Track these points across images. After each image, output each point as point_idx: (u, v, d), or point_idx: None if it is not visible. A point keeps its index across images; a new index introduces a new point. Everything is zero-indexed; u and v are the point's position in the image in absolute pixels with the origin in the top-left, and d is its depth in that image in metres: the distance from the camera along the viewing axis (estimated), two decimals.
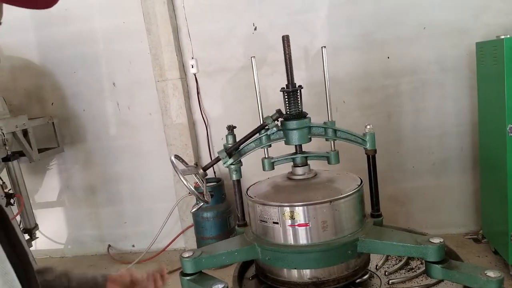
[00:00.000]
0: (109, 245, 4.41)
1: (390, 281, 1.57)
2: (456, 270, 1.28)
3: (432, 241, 1.32)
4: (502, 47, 2.69)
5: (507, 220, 2.89)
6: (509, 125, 2.74)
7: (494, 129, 2.98)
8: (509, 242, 2.90)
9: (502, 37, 2.71)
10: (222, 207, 3.75)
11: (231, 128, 1.76)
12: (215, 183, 3.82)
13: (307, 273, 1.52)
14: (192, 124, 4.00)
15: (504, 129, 2.78)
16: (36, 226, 3.85)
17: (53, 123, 4.02)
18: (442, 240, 1.32)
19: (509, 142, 2.77)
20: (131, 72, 4.03)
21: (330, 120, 1.72)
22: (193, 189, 1.52)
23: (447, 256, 1.36)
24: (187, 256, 1.52)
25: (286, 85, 1.72)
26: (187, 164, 1.67)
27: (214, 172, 3.98)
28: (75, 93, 4.17)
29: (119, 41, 3.97)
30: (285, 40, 1.68)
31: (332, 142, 1.72)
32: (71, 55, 4.07)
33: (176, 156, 1.61)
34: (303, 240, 1.50)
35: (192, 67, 3.87)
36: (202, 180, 1.64)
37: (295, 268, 1.52)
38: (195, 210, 1.69)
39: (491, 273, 1.22)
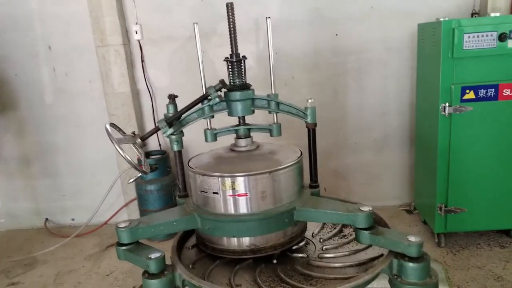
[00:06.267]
0: (46, 219, 4.22)
1: (324, 247, 1.64)
2: (381, 236, 1.37)
3: (362, 209, 1.40)
4: (440, 30, 2.81)
5: (435, 193, 3.11)
6: (442, 104, 2.91)
7: (429, 108, 3.16)
8: (436, 213, 3.14)
9: (441, 19, 2.83)
10: (167, 180, 3.69)
11: (172, 97, 1.72)
12: (160, 155, 3.74)
13: (246, 241, 1.54)
14: (135, 94, 3.86)
15: (437, 108, 2.95)
16: None
17: None
18: (370, 208, 1.40)
19: (441, 121, 2.95)
20: (68, 36, 3.77)
21: (273, 92, 1.72)
22: (129, 159, 1.47)
23: (375, 223, 1.44)
24: (123, 226, 1.49)
25: (230, 55, 1.68)
26: (124, 133, 1.61)
27: (160, 144, 3.90)
28: (5, 56, 3.84)
29: (55, 2, 3.68)
30: (229, 7, 1.63)
31: (275, 114, 1.74)
32: None
33: (112, 124, 1.55)
34: (242, 209, 1.52)
35: (136, 33, 3.69)
36: (140, 150, 1.59)
37: (234, 237, 1.54)
38: (132, 181, 1.65)
39: (412, 238, 1.32)
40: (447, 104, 2.89)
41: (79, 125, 3.97)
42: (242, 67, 1.69)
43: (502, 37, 2.75)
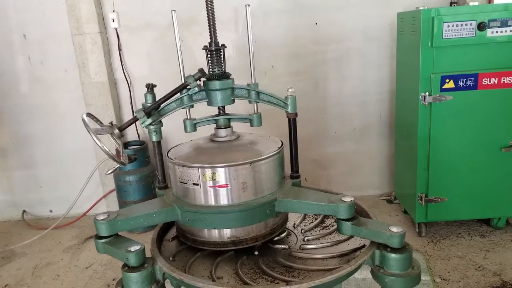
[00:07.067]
0: (24, 211, 4.12)
1: (305, 238, 1.64)
2: (363, 227, 1.36)
3: (344, 199, 1.39)
4: (420, 18, 2.82)
5: (416, 182, 3.14)
6: (421, 94, 2.93)
7: (409, 97, 3.18)
8: (416, 203, 3.17)
9: (421, 8, 2.84)
10: (146, 170, 3.63)
11: (150, 87, 1.67)
12: (139, 146, 3.68)
13: (226, 233, 1.53)
14: (113, 83, 3.77)
15: (417, 98, 2.97)
16: None
17: None
18: (352, 199, 1.39)
19: (421, 110, 2.98)
20: (44, 24, 3.65)
21: (253, 82, 1.69)
22: (107, 150, 1.42)
23: (357, 214, 1.44)
24: (101, 218, 1.45)
25: (209, 43, 1.64)
26: (101, 123, 1.57)
27: (138, 135, 3.83)
28: None
29: None
30: None
31: (255, 104, 1.71)
32: None
33: (89, 114, 1.50)
34: (223, 201, 1.49)
35: (113, 21, 3.59)
36: (118, 141, 1.54)
37: (215, 228, 1.52)
38: (110, 172, 1.61)
39: (394, 229, 1.32)
40: (427, 94, 2.91)
41: (56, 115, 3.87)
42: (221, 56, 1.65)
43: (481, 26, 2.77)
